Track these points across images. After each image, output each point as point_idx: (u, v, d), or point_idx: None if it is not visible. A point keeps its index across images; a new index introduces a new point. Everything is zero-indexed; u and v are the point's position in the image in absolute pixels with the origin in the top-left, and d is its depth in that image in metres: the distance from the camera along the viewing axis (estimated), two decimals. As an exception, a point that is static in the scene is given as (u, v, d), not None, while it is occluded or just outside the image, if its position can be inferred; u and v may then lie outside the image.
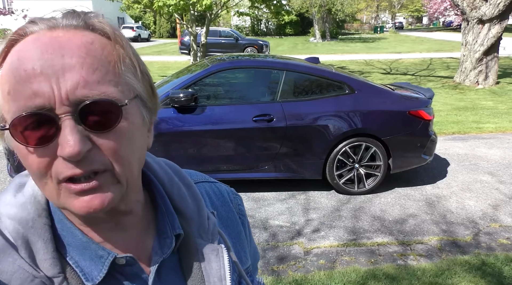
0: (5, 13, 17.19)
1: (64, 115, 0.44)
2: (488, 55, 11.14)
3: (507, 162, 5.46)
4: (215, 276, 0.57)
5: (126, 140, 0.48)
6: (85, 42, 0.47)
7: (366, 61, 18.76)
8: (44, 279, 0.48)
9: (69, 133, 0.44)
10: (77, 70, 0.45)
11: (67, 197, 0.47)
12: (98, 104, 0.45)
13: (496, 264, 3.11)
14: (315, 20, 34.84)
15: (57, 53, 0.45)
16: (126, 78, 0.49)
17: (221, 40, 21.00)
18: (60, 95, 0.44)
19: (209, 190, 0.68)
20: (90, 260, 0.51)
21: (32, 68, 0.44)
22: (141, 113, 0.51)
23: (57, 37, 0.46)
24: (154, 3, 10.88)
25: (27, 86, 0.44)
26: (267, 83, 4.61)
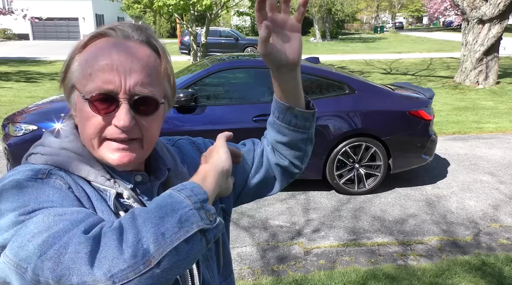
0: (5, 13, 17.18)
1: (123, 99, 0.67)
2: (488, 55, 11.14)
3: (507, 162, 5.46)
4: None
5: (155, 123, 0.73)
6: (146, 55, 0.70)
7: (366, 61, 18.75)
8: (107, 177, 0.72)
9: (125, 112, 0.67)
10: (139, 73, 0.68)
11: (106, 151, 0.70)
12: (146, 99, 0.69)
13: (496, 264, 3.11)
14: (315, 20, 34.82)
15: (128, 58, 0.67)
16: (164, 84, 0.74)
17: (221, 40, 20.99)
18: (125, 87, 0.67)
19: (174, 150, 0.90)
20: (121, 176, 0.74)
21: (112, 63, 0.66)
22: (165, 107, 0.77)
23: (130, 47, 0.69)
24: (154, 3, 10.88)
25: (105, 74, 0.66)
26: (267, 83, 4.60)
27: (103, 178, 0.71)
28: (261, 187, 0.99)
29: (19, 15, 16.00)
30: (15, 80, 12.72)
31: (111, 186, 0.71)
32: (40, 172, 0.67)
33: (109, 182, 0.71)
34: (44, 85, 11.93)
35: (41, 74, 14.35)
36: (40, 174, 0.66)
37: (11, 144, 4.03)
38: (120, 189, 0.72)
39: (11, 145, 4.03)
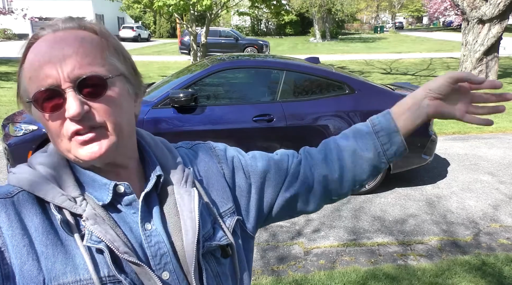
0: (5, 13, 17.18)
1: (67, 88, 0.63)
2: (488, 55, 11.14)
3: (507, 162, 5.46)
4: (186, 209, 0.73)
5: (114, 105, 0.67)
6: (78, 37, 0.66)
7: (366, 61, 18.75)
8: (70, 197, 0.67)
9: (71, 100, 0.62)
10: (73, 57, 0.63)
11: (76, 148, 0.65)
12: (90, 79, 0.64)
13: (496, 264, 3.11)
14: (315, 20, 34.82)
15: (59, 47, 0.64)
16: (110, 61, 0.67)
17: (221, 40, 20.98)
18: (63, 76, 0.63)
19: (188, 153, 0.86)
20: (99, 190, 0.69)
21: (43, 59, 0.63)
22: (125, 87, 0.70)
23: (58, 36, 0.66)
24: (154, 3, 10.87)
25: (41, 71, 0.63)
26: (267, 83, 4.60)
27: (63, 197, 0.66)
28: (295, 201, 0.90)
29: (19, 15, 16.00)
30: (15, 80, 12.67)
31: (70, 206, 0.65)
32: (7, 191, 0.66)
33: (68, 202, 0.66)
34: (44, 85, 11.93)
35: (41, 74, 14.35)
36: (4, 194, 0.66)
37: (11, 144, 4.03)
38: (80, 209, 0.66)
39: (11, 145, 4.03)
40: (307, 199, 0.90)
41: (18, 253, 0.61)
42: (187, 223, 0.72)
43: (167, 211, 0.74)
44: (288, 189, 0.88)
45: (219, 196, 0.82)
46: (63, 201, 0.65)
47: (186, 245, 0.71)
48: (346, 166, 0.88)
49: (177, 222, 0.73)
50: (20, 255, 0.61)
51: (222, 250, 0.77)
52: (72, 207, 0.65)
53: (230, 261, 0.79)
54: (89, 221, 0.65)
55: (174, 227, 0.73)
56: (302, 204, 0.90)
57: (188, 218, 0.72)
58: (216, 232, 0.77)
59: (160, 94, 4.20)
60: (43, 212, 0.66)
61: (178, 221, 0.73)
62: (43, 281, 0.61)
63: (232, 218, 0.81)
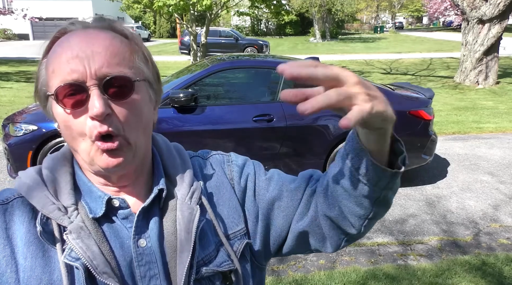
0: (5, 13, 17.19)
1: (92, 86, 0.60)
2: (488, 55, 11.14)
3: (507, 162, 5.46)
4: (184, 230, 0.68)
5: (135, 111, 0.64)
6: (109, 37, 0.63)
7: (366, 61, 18.75)
8: (60, 206, 0.64)
9: (96, 99, 0.59)
10: (103, 55, 0.61)
11: (96, 153, 0.62)
12: (117, 79, 0.61)
13: (496, 264, 3.11)
14: (315, 20, 34.82)
15: (88, 43, 0.61)
16: (138, 65, 0.65)
17: (221, 40, 20.98)
18: (90, 72, 0.60)
19: (202, 163, 0.80)
20: (94, 201, 0.66)
21: (71, 53, 0.60)
22: (148, 92, 0.68)
23: (89, 33, 0.63)
24: (154, 3, 10.88)
25: (67, 65, 0.60)
26: (267, 83, 4.60)
27: (53, 206, 0.63)
28: (309, 237, 0.77)
29: (19, 15, 16.00)
30: (15, 80, 12.72)
31: (57, 216, 0.63)
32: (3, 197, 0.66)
33: (56, 212, 0.63)
34: (44, 85, 11.92)
35: (41, 74, 14.33)
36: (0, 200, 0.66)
37: (11, 144, 4.03)
38: (67, 221, 0.63)
39: (11, 145, 4.03)
40: (321, 237, 0.76)
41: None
42: (183, 243, 0.67)
43: (165, 228, 0.68)
44: (299, 221, 0.76)
45: (229, 216, 0.75)
46: (51, 210, 0.63)
47: (179, 269, 0.66)
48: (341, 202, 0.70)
49: (173, 241, 0.68)
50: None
51: (224, 276, 0.70)
52: (58, 218, 0.63)
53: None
54: (72, 234, 0.62)
55: (170, 247, 0.68)
56: (316, 241, 0.77)
57: (185, 238, 0.67)
58: (218, 256, 0.71)
59: (160, 94, 4.19)
60: (30, 222, 0.63)
61: (174, 241, 0.68)
62: None
63: (241, 241, 0.74)
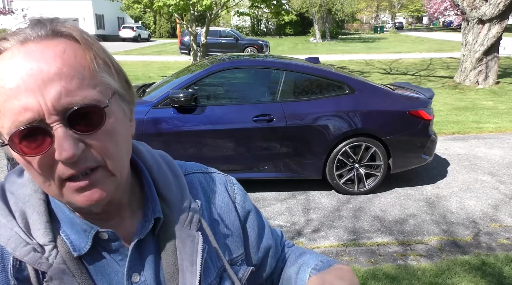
0: (5, 13, 17.19)
1: (54, 123, 0.48)
2: (488, 55, 11.14)
3: (507, 162, 5.46)
4: (187, 260, 0.61)
5: (113, 137, 0.53)
6: (58, 53, 0.50)
7: (366, 61, 18.75)
8: (36, 246, 0.54)
9: (62, 139, 0.48)
10: (57, 81, 0.48)
11: (70, 193, 0.52)
12: (83, 109, 0.49)
13: (496, 264, 3.11)
14: (315, 20, 34.82)
15: (35, 68, 0.48)
16: (102, 79, 0.53)
17: (221, 40, 20.99)
18: (47, 106, 0.48)
19: (202, 179, 0.72)
20: (78, 234, 0.57)
21: (16, 86, 0.48)
22: (121, 108, 0.56)
23: (31, 52, 0.49)
24: (154, 3, 10.88)
25: (15, 103, 0.48)
26: (267, 83, 4.60)
27: (27, 247, 0.54)
28: None
29: (19, 15, 16.01)
30: (15, 80, 12.71)
31: (33, 260, 0.53)
32: None
33: (32, 255, 0.53)
34: (44, 85, 11.92)
35: (41, 74, 14.33)
36: None
37: (11, 144, 4.03)
38: (46, 264, 0.54)
39: (11, 145, 4.03)
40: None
41: None
42: (186, 276, 0.61)
43: (164, 259, 0.62)
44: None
45: (233, 239, 0.71)
46: (26, 253, 0.53)
47: None
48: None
49: (174, 273, 0.62)
50: None
51: None
52: (35, 262, 0.54)
53: None
54: (54, 281, 0.53)
55: (171, 279, 0.62)
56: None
57: (188, 271, 0.61)
58: (222, 283, 0.66)
59: (160, 94, 4.20)
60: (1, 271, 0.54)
61: (176, 273, 0.62)
62: None
63: (245, 268, 0.70)
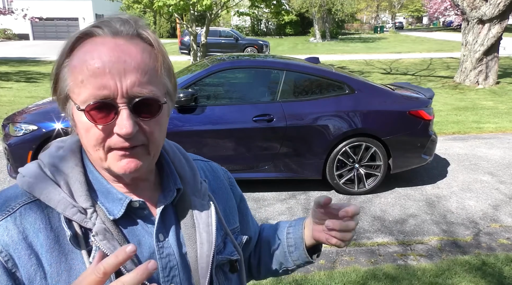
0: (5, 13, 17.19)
1: (122, 105, 0.62)
2: (488, 55, 11.14)
3: (507, 162, 5.46)
4: (203, 222, 0.75)
5: (159, 126, 0.67)
6: (139, 51, 0.63)
7: (366, 61, 18.75)
8: (80, 208, 0.65)
9: (125, 118, 0.62)
10: (134, 73, 0.62)
11: (113, 160, 0.65)
12: (147, 100, 0.63)
13: (496, 264, 3.11)
14: (315, 20, 34.81)
15: (120, 58, 0.61)
16: (164, 80, 0.67)
17: (221, 40, 20.98)
18: (122, 90, 0.61)
19: (203, 166, 0.87)
20: (112, 202, 0.68)
21: (103, 66, 0.60)
22: (168, 105, 0.70)
23: (120, 45, 0.63)
24: (154, 3, 10.88)
25: (98, 80, 0.61)
26: (267, 83, 4.60)
27: (74, 209, 0.64)
28: None
29: (19, 15, 16.01)
30: (15, 80, 12.71)
31: (80, 219, 0.64)
32: (8, 206, 0.64)
33: (79, 215, 0.64)
34: (44, 85, 11.92)
35: (41, 74, 14.34)
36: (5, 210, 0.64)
37: (11, 144, 4.03)
38: (90, 223, 0.64)
39: (11, 145, 4.03)
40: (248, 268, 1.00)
41: (26, 273, 0.62)
42: (202, 235, 0.74)
43: (183, 223, 0.74)
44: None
45: (230, 213, 0.85)
46: (74, 213, 0.64)
47: (200, 257, 0.73)
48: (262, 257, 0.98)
49: (192, 233, 0.74)
50: (28, 275, 0.62)
51: (231, 265, 0.80)
52: (82, 221, 0.64)
53: (237, 277, 0.81)
54: (98, 236, 0.64)
55: (189, 239, 0.74)
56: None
57: (204, 231, 0.74)
58: (226, 246, 0.79)
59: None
60: (46, 227, 0.64)
61: (193, 233, 0.74)
62: None
63: (241, 237, 0.85)
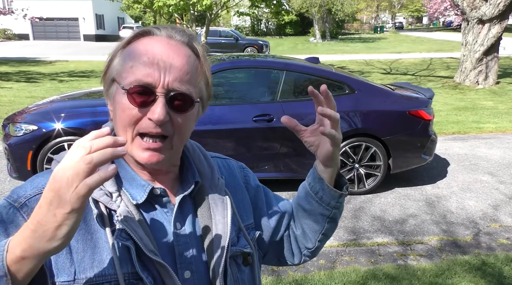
0: (5, 13, 17.19)
1: (160, 94, 0.69)
2: (488, 55, 11.14)
3: (507, 162, 5.46)
4: (219, 215, 0.79)
5: (188, 122, 0.74)
6: (186, 55, 0.72)
7: (366, 61, 18.75)
8: (107, 191, 0.71)
9: (160, 106, 0.68)
10: (178, 70, 0.70)
11: (136, 148, 0.71)
12: (182, 95, 0.70)
13: (496, 264, 3.11)
14: (315, 20, 34.81)
15: (169, 55, 0.70)
16: (201, 86, 0.75)
17: (221, 40, 20.98)
18: (163, 82, 0.69)
19: (220, 163, 0.92)
20: (136, 188, 0.74)
21: (153, 58, 0.69)
22: (199, 109, 0.78)
23: (172, 45, 0.72)
24: (154, 3, 10.88)
25: (146, 68, 0.69)
26: (267, 83, 4.60)
27: (101, 191, 0.70)
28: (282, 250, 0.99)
29: (19, 15, 16.01)
30: (15, 80, 12.71)
31: (106, 201, 0.70)
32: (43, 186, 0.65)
33: (105, 197, 0.70)
34: (44, 85, 11.92)
35: (41, 74, 14.35)
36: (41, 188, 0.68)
37: (11, 143, 4.03)
38: (115, 205, 0.70)
39: (11, 145, 4.03)
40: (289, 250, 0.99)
41: None
42: (218, 227, 0.78)
43: (200, 214, 0.79)
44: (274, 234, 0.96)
45: (244, 210, 0.89)
46: (100, 195, 0.70)
47: (215, 247, 0.77)
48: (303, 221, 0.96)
49: (209, 224, 0.79)
50: None
51: (244, 258, 0.84)
52: (108, 202, 0.70)
53: (249, 270, 0.85)
54: (122, 217, 0.69)
55: (205, 229, 0.78)
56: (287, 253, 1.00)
57: (220, 222, 0.78)
58: (239, 240, 0.84)
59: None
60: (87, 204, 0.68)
61: (210, 224, 0.79)
62: (74, 272, 0.67)
63: (254, 232, 0.89)
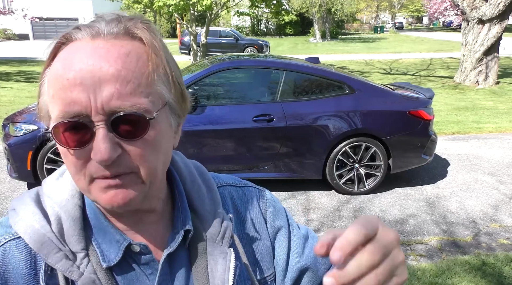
0: (5, 13, 17.19)
1: (98, 123, 0.49)
2: (488, 55, 11.14)
3: (507, 162, 5.46)
4: (219, 278, 0.60)
5: (152, 147, 0.53)
6: (122, 54, 0.50)
7: (366, 61, 18.75)
8: (68, 253, 0.54)
9: (101, 140, 0.48)
10: (113, 82, 0.48)
11: (97, 191, 0.52)
12: (129, 116, 0.49)
13: (496, 264, 3.11)
14: (315, 20, 34.81)
15: (96, 64, 0.48)
16: (157, 88, 0.52)
17: (221, 40, 20.98)
18: (96, 105, 0.48)
19: (234, 193, 0.72)
20: (109, 243, 0.57)
21: (73, 78, 0.48)
22: (169, 120, 0.56)
23: (98, 48, 0.50)
24: (154, 3, 10.88)
25: (68, 94, 0.48)
26: (267, 83, 4.61)
27: (59, 254, 0.54)
28: None
29: (19, 15, 16.01)
30: (15, 80, 12.71)
31: (64, 268, 0.54)
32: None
33: (64, 262, 0.54)
34: (44, 85, 11.92)
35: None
36: None
37: (11, 144, 4.03)
38: (77, 272, 0.54)
39: (11, 145, 4.03)
40: None
41: None
42: None
43: (195, 275, 0.61)
44: None
45: (264, 257, 0.69)
46: (58, 260, 0.54)
47: None
48: None
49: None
50: None
51: None
52: (66, 270, 0.54)
53: None
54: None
55: None
56: None
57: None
58: None
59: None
60: (29, 274, 0.55)
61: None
62: None
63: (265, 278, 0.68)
